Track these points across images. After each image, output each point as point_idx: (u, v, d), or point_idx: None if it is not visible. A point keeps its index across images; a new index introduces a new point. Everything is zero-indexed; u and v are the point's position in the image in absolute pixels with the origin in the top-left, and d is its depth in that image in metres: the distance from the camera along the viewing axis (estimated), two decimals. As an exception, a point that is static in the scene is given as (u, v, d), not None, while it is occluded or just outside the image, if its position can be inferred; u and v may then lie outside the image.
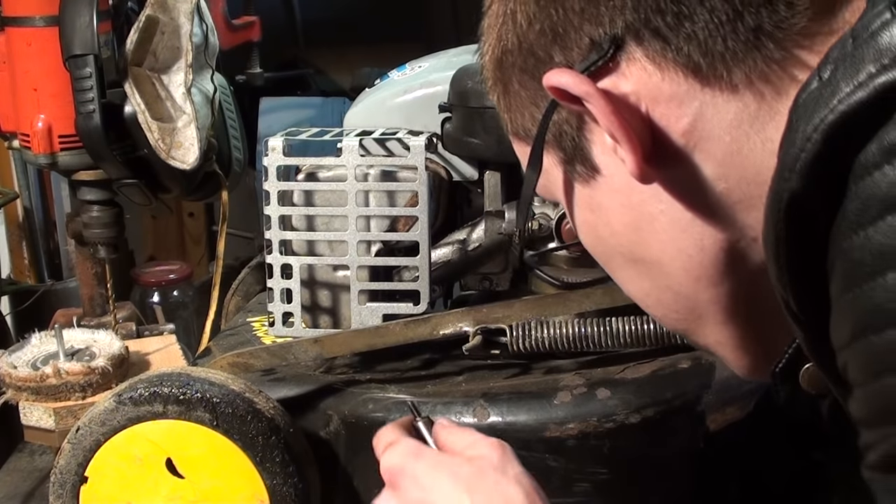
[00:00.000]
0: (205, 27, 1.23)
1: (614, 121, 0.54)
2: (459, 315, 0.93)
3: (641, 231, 0.58)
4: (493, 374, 0.94)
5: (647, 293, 0.62)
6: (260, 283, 1.23)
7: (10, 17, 1.17)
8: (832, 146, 0.44)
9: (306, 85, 2.21)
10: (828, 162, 0.44)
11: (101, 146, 1.13)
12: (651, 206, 0.57)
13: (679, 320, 0.62)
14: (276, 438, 0.87)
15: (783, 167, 0.46)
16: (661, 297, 0.61)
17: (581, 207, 0.62)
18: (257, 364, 0.95)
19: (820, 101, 0.44)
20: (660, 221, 0.57)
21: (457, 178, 1.06)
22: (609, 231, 0.60)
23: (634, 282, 0.63)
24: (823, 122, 0.44)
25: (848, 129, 0.43)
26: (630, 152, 0.54)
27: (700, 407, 0.88)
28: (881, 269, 0.42)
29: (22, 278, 1.96)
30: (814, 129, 0.44)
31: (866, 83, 0.43)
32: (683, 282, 0.59)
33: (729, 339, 0.61)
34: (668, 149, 0.55)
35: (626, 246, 0.60)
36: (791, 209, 0.46)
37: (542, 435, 0.87)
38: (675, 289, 0.59)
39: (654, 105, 0.54)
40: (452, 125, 1.02)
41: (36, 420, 1.01)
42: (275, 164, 0.96)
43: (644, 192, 0.57)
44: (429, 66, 1.10)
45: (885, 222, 0.42)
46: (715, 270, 0.57)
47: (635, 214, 0.58)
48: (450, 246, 1.03)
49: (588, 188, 0.60)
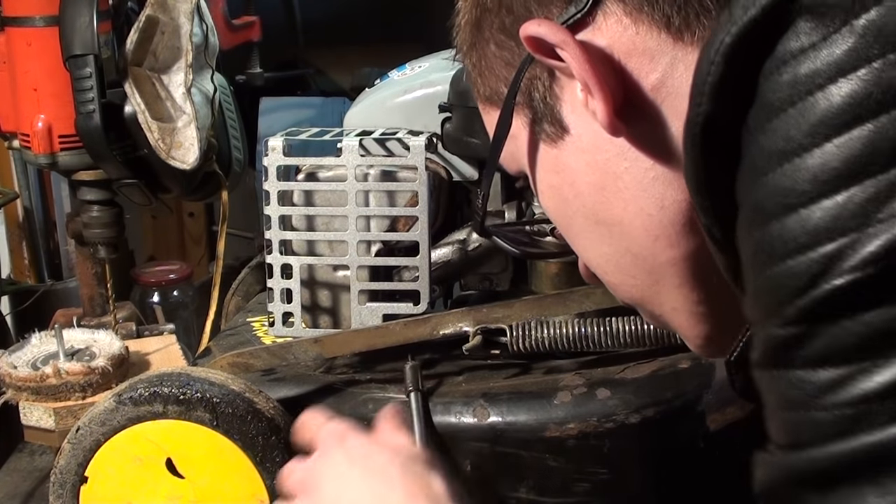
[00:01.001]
0: (205, 27, 1.23)
1: (588, 69, 0.55)
2: (459, 315, 0.93)
3: (605, 191, 0.59)
4: (493, 374, 0.94)
5: (606, 258, 0.62)
6: (260, 283, 1.23)
7: (10, 17, 1.17)
8: (733, 65, 0.45)
9: (306, 85, 2.21)
10: (732, 80, 0.46)
11: (101, 146, 1.13)
12: (616, 164, 0.58)
13: (636, 286, 0.62)
14: (276, 438, 0.87)
15: (693, 94, 0.47)
16: (620, 260, 0.61)
17: (546, 170, 0.62)
18: (257, 364, 0.95)
19: (719, 29, 0.46)
20: (623, 180, 0.58)
21: (457, 178, 1.06)
22: (573, 192, 0.61)
23: (595, 246, 0.63)
24: (723, 44, 0.45)
25: (745, 46, 0.45)
26: (602, 101, 0.55)
27: (700, 407, 0.88)
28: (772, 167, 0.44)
29: (22, 278, 1.96)
30: (715, 52, 0.46)
31: (756, 2, 0.45)
32: (643, 242, 0.59)
33: (685, 304, 0.61)
34: (637, 103, 0.56)
35: (589, 207, 0.61)
36: (705, 133, 0.47)
37: (542, 435, 0.87)
38: (635, 251, 0.60)
39: (626, 58, 0.56)
40: (452, 125, 1.02)
41: (36, 420, 1.01)
42: (275, 164, 0.96)
43: (609, 151, 0.58)
44: (429, 66, 1.10)
45: (773, 125, 0.44)
46: (674, 230, 0.57)
47: (600, 174, 0.59)
48: (450, 246, 1.03)
49: (555, 149, 0.61)
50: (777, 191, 0.44)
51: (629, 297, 0.65)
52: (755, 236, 0.45)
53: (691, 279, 0.59)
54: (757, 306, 0.46)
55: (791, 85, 0.44)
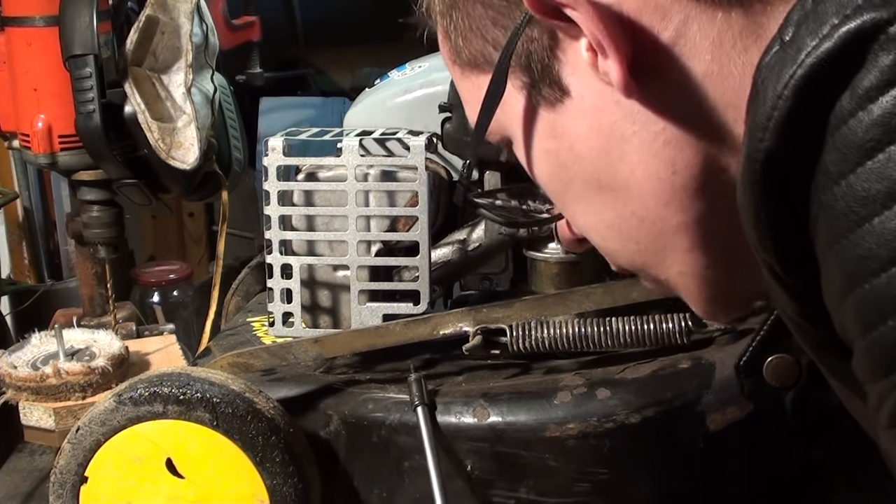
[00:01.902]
0: (205, 27, 1.23)
1: (602, 28, 0.52)
2: (459, 315, 0.93)
3: (610, 154, 0.57)
4: (493, 374, 0.94)
5: (607, 223, 0.60)
6: (260, 283, 1.23)
7: (10, 17, 1.17)
8: (804, 101, 0.43)
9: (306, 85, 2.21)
10: (801, 117, 0.44)
11: (101, 146, 1.13)
12: (623, 127, 0.56)
13: (639, 251, 0.60)
14: (276, 438, 0.87)
15: (754, 128, 0.45)
16: (623, 225, 0.59)
17: (541, 135, 0.60)
18: (257, 364, 0.95)
19: (786, 59, 0.44)
20: (631, 143, 0.56)
21: (457, 178, 1.06)
22: (572, 156, 0.59)
23: (594, 212, 0.61)
24: (793, 78, 0.43)
25: (818, 81, 0.43)
26: (616, 62, 0.53)
27: (700, 407, 0.88)
28: (866, 215, 0.42)
29: (22, 278, 1.96)
30: (784, 86, 0.44)
31: (830, 34, 0.43)
32: (651, 207, 0.57)
33: (693, 267, 0.59)
34: (647, 63, 0.53)
35: (590, 172, 0.58)
36: (767, 170, 0.45)
37: (542, 435, 0.87)
38: (641, 214, 0.58)
39: (637, 15, 0.53)
40: (452, 125, 1.02)
41: (36, 420, 1.01)
42: (275, 164, 0.96)
43: (616, 113, 0.56)
44: (429, 66, 1.10)
45: (865, 168, 0.42)
46: (685, 195, 0.56)
47: (605, 137, 0.57)
48: (450, 246, 1.03)
49: (552, 113, 0.58)
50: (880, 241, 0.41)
51: (629, 262, 0.62)
52: (857, 294, 0.43)
53: (701, 243, 0.58)
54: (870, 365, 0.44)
55: (882, 125, 0.41)
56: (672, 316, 0.89)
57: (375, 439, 0.90)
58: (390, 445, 0.90)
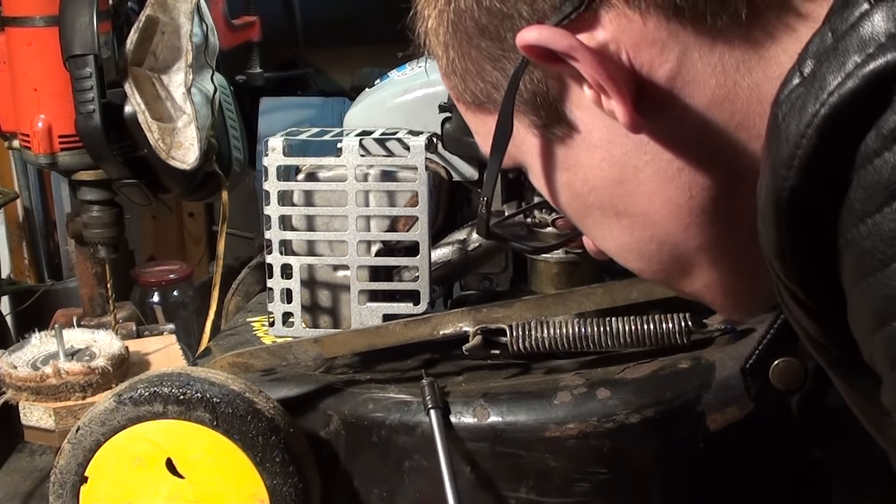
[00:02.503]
0: (205, 27, 1.23)
1: (601, 72, 0.52)
2: (459, 315, 0.93)
3: (625, 184, 0.57)
4: (493, 374, 0.94)
5: (628, 247, 0.61)
6: (260, 283, 1.23)
7: (10, 17, 1.17)
8: (828, 140, 0.43)
9: (306, 85, 2.21)
10: (826, 156, 0.44)
11: (101, 146, 1.13)
12: (635, 157, 0.56)
13: (662, 270, 0.61)
14: (276, 438, 0.87)
15: (777, 165, 0.46)
16: (643, 249, 0.60)
17: (555, 168, 0.60)
18: (257, 364, 0.95)
19: (808, 95, 0.44)
20: (645, 173, 0.56)
21: (457, 178, 1.06)
22: (587, 188, 0.59)
23: (613, 237, 0.61)
24: (817, 117, 0.43)
25: (842, 121, 0.43)
26: (621, 104, 0.53)
27: (700, 407, 0.88)
28: (893, 255, 0.42)
29: (22, 278, 1.96)
30: (807, 125, 0.44)
31: (854, 73, 0.43)
32: (671, 231, 0.58)
33: (718, 280, 0.60)
34: (652, 97, 0.54)
35: (606, 200, 0.59)
36: (791, 206, 0.46)
37: (542, 435, 0.87)
38: (661, 239, 0.59)
39: (635, 52, 0.53)
40: (452, 125, 1.02)
41: (36, 420, 1.01)
42: (275, 164, 0.96)
43: (627, 145, 0.56)
44: (429, 66, 1.10)
45: (892, 208, 0.42)
46: (704, 216, 0.56)
47: (618, 168, 0.57)
48: (450, 246, 1.03)
49: (563, 147, 0.59)
50: None
51: (653, 279, 0.63)
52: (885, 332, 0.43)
53: (724, 258, 0.58)
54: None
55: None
56: (672, 316, 0.89)
57: (375, 439, 0.90)
58: (390, 445, 0.90)
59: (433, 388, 0.89)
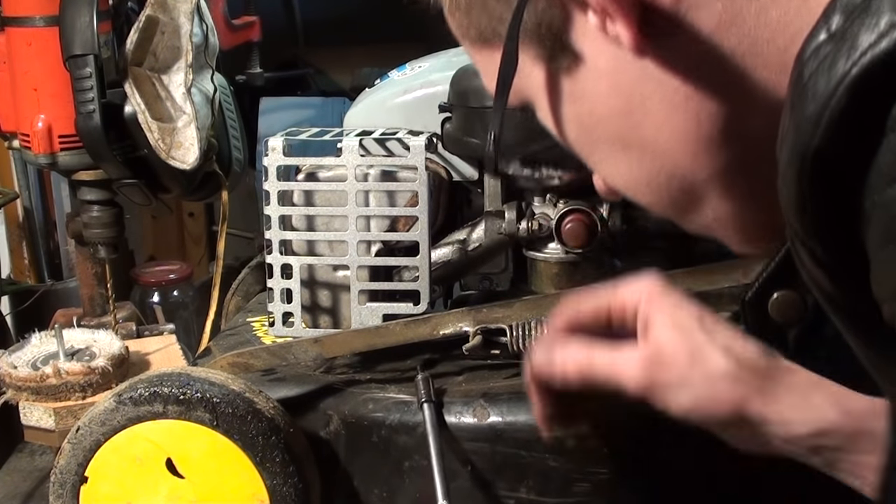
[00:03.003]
0: (205, 27, 1.23)
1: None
2: (459, 315, 0.93)
3: (633, 115, 0.57)
4: (493, 374, 0.94)
5: (637, 180, 0.60)
6: (260, 283, 1.23)
7: (10, 17, 1.17)
8: (858, 100, 0.43)
9: (306, 85, 2.21)
10: (855, 117, 0.43)
11: (101, 146, 1.13)
12: (642, 85, 0.56)
13: (672, 204, 0.60)
14: (276, 438, 0.87)
15: (802, 123, 0.45)
16: (652, 182, 0.59)
17: (561, 101, 0.60)
18: (257, 364, 0.95)
19: (838, 54, 0.43)
20: (652, 101, 0.56)
21: (457, 178, 1.06)
22: (594, 119, 0.59)
23: (622, 171, 0.60)
24: (847, 76, 0.42)
25: (874, 81, 0.42)
26: (625, 26, 0.53)
27: (700, 407, 0.88)
28: None
29: (22, 278, 1.96)
30: (837, 84, 0.43)
31: (888, 34, 0.42)
32: (680, 162, 0.57)
33: (728, 213, 0.59)
34: (656, 21, 0.53)
35: (614, 132, 0.58)
36: (816, 166, 0.45)
37: (542, 435, 0.86)
38: (670, 170, 0.58)
39: None
40: (452, 125, 1.02)
41: (36, 420, 1.01)
42: (275, 164, 0.96)
43: (633, 73, 0.55)
44: (429, 66, 1.10)
45: None
46: (713, 145, 0.56)
47: (625, 97, 0.57)
48: (450, 246, 1.03)
49: (569, 79, 0.58)
50: None
51: (665, 213, 0.62)
52: None
53: (734, 189, 0.58)
54: None
55: None
56: (672, 316, 0.89)
57: (375, 439, 0.90)
58: (390, 445, 0.90)
59: (427, 383, 0.89)
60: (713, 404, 0.69)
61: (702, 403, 0.69)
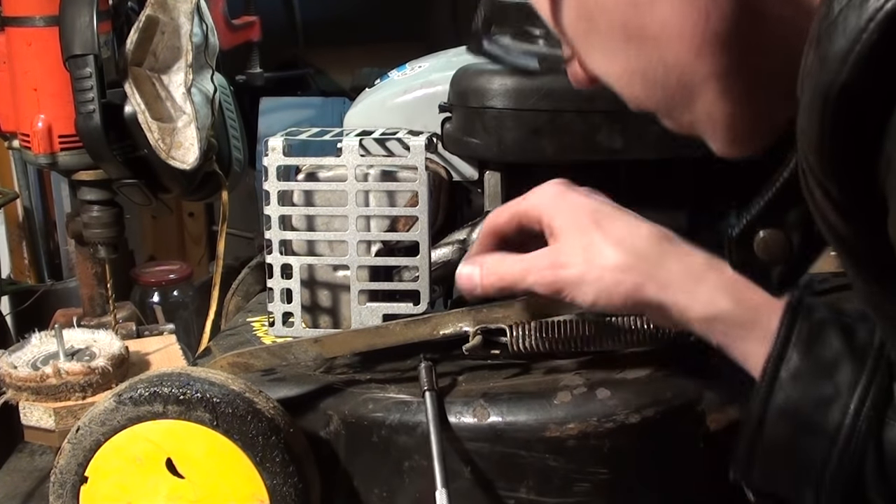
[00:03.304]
0: (205, 27, 1.23)
1: None
2: (459, 315, 0.93)
3: (639, 6, 0.57)
4: (493, 374, 0.94)
5: (631, 72, 0.60)
6: (260, 283, 1.23)
7: (10, 17, 1.17)
8: (891, 37, 0.42)
9: (306, 85, 2.21)
10: (886, 52, 0.43)
11: (101, 146, 1.13)
12: None
13: (664, 98, 0.60)
14: (276, 438, 0.87)
15: (828, 59, 0.44)
16: (648, 73, 0.59)
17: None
18: (257, 364, 0.95)
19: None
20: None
21: (457, 178, 1.06)
22: (598, 8, 0.58)
23: (618, 60, 0.60)
24: (881, 11, 0.42)
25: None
26: None
27: (700, 407, 0.88)
28: None
29: (22, 278, 1.97)
30: (869, 19, 0.42)
31: None
32: (682, 56, 0.57)
33: (722, 111, 0.59)
34: None
35: (616, 22, 0.58)
36: (839, 102, 0.45)
37: (542, 435, 0.87)
38: (670, 63, 0.58)
39: None
40: (452, 125, 1.02)
41: (36, 420, 1.01)
42: (275, 164, 0.96)
43: None
44: (429, 66, 1.10)
45: None
46: (717, 43, 0.55)
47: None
48: (450, 246, 1.03)
49: None
50: None
51: (652, 107, 0.62)
52: None
53: (730, 92, 0.58)
54: None
55: None
56: (672, 316, 0.89)
57: (375, 439, 0.90)
58: (390, 445, 0.90)
59: (430, 371, 0.89)
60: (611, 296, 0.73)
61: (602, 296, 0.73)
